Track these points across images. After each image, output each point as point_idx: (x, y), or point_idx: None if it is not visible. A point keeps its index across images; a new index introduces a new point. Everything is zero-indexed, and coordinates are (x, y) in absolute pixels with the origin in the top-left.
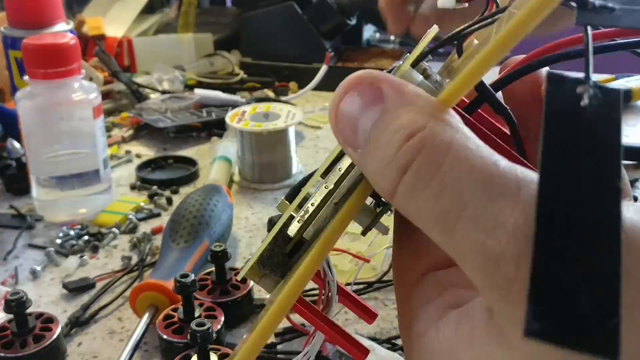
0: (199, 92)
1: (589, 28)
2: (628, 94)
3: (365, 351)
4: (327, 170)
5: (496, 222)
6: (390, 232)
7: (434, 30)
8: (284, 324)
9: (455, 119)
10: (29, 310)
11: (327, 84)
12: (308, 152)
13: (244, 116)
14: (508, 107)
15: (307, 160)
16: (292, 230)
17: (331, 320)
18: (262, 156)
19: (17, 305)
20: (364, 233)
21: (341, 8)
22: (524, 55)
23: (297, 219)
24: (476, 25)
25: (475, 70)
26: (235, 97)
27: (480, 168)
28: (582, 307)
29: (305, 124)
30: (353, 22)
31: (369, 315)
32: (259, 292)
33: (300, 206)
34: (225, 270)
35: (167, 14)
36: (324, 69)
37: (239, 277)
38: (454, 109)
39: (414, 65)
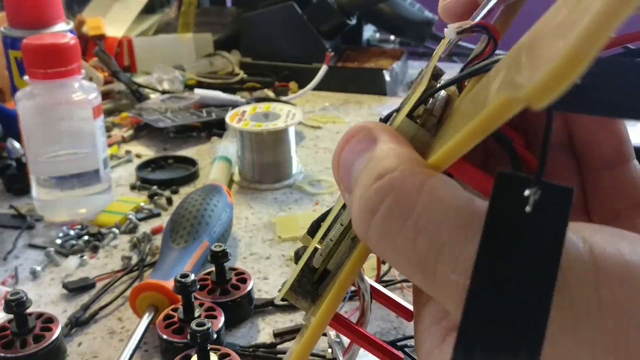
0: (199, 92)
1: (552, 114)
2: None
3: (399, 359)
4: (344, 206)
5: (474, 263)
6: None
7: (423, 85)
8: (284, 323)
9: (427, 164)
10: (29, 310)
11: (327, 84)
12: (308, 152)
13: (244, 116)
14: (509, 138)
15: (307, 160)
16: (317, 262)
17: (365, 332)
18: (262, 156)
19: (17, 305)
20: (384, 262)
21: (341, 8)
22: None
23: (320, 252)
24: (475, 68)
25: (460, 145)
26: (235, 97)
27: (455, 208)
28: None
29: (305, 123)
30: (353, 22)
31: (406, 314)
32: (259, 293)
33: (323, 237)
34: (225, 270)
35: (167, 14)
36: (324, 69)
37: (276, 300)
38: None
39: (413, 109)
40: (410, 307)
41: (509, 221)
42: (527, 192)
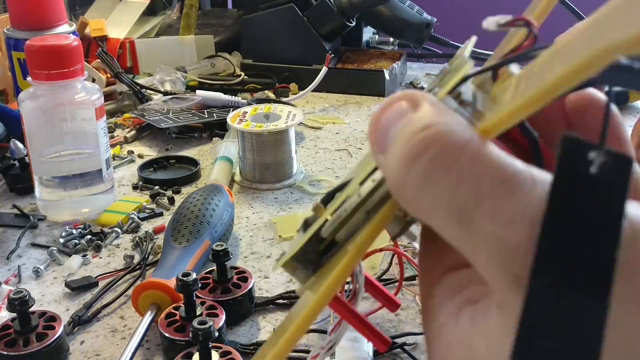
0: (201, 93)
1: (610, 90)
2: (625, 95)
3: (387, 342)
4: (363, 181)
5: (514, 215)
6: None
7: (467, 66)
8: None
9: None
10: (31, 309)
11: (327, 85)
12: (308, 153)
13: (245, 117)
14: (533, 130)
15: (307, 160)
16: (326, 232)
17: (356, 311)
18: (262, 156)
19: (20, 304)
20: (393, 239)
21: (341, 10)
22: None
23: (331, 222)
24: (523, 52)
25: (520, 108)
26: (237, 98)
27: (497, 163)
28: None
29: (306, 124)
30: (353, 24)
31: (392, 305)
32: (260, 291)
33: (334, 210)
34: (227, 269)
35: (168, 16)
36: (324, 70)
37: (273, 269)
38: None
39: (451, 90)
40: (395, 299)
41: (575, 181)
42: (591, 155)
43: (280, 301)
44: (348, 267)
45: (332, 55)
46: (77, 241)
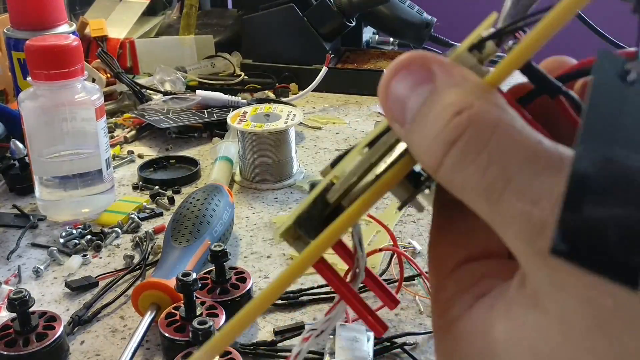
0: (201, 93)
1: None
2: None
3: (385, 326)
4: (372, 142)
5: (541, 194)
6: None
7: (492, 17)
8: (284, 321)
9: (501, 100)
10: (32, 309)
11: (327, 85)
12: (308, 152)
13: (245, 117)
14: (567, 89)
15: (307, 160)
16: (332, 196)
17: (355, 291)
18: (262, 156)
19: (20, 304)
20: (400, 208)
21: (341, 10)
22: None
23: (338, 185)
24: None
25: (522, 51)
26: (237, 98)
27: (526, 145)
28: (609, 240)
29: (306, 124)
30: (353, 24)
31: (391, 300)
32: (260, 291)
33: (342, 173)
34: (225, 270)
35: (168, 16)
36: (324, 70)
37: (274, 237)
38: (507, 98)
39: (470, 49)
40: (395, 296)
41: (612, 90)
42: (628, 66)
43: (279, 301)
44: (350, 218)
45: (332, 55)
46: (77, 241)
